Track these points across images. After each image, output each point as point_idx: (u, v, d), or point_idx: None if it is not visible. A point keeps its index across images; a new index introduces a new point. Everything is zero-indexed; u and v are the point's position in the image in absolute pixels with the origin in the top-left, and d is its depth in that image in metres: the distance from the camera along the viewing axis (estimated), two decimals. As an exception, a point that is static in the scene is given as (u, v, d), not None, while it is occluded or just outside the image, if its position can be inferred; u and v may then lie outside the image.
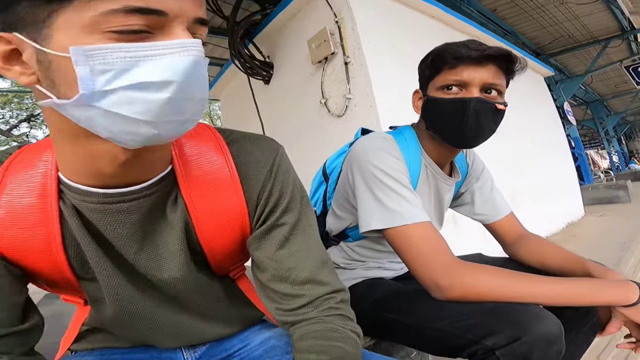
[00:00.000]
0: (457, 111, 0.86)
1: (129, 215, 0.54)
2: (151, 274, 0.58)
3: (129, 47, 0.39)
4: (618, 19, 6.11)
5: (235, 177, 0.59)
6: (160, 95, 0.40)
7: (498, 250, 1.13)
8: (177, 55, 0.40)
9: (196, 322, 0.66)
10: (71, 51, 0.38)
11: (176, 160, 0.57)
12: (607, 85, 11.36)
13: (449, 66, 0.87)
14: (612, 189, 6.77)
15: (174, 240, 0.57)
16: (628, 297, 0.73)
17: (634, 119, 19.75)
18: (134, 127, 0.41)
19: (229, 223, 0.60)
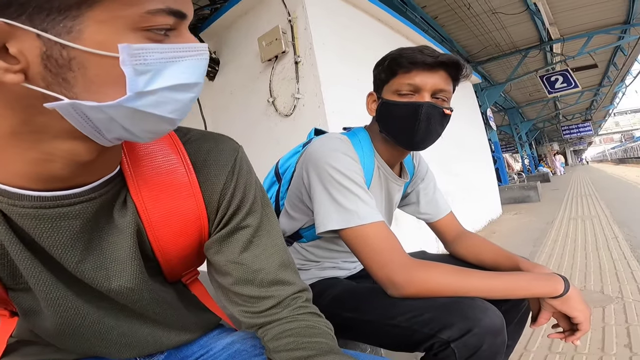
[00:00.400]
0: (410, 115, 0.91)
1: (69, 221, 0.48)
2: (99, 283, 0.52)
3: (163, 48, 0.38)
4: (539, 29, 6.71)
5: (193, 178, 0.56)
6: (189, 95, 0.42)
7: (433, 248, 1.21)
8: (197, 58, 0.41)
9: (152, 330, 0.62)
10: (120, 49, 0.36)
11: (125, 160, 0.53)
12: (523, 93, 12.49)
13: (404, 70, 0.91)
14: (525, 189, 7.54)
15: (124, 247, 0.53)
16: (556, 289, 0.79)
17: (543, 126, 21.89)
18: (157, 125, 0.42)
19: (185, 227, 0.57)
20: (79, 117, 0.38)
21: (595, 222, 4.53)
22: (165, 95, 0.39)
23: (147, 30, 0.38)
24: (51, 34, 0.34)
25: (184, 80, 0.40)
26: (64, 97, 0.37)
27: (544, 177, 14.08)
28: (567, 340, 0.84)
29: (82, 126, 0.40)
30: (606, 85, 11.98)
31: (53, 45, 0.35)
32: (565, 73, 8.45)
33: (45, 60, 0.36)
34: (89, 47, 0.35)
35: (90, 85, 0.37)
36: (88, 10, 0.35)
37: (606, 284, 2.30)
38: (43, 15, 0.34)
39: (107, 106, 0.38)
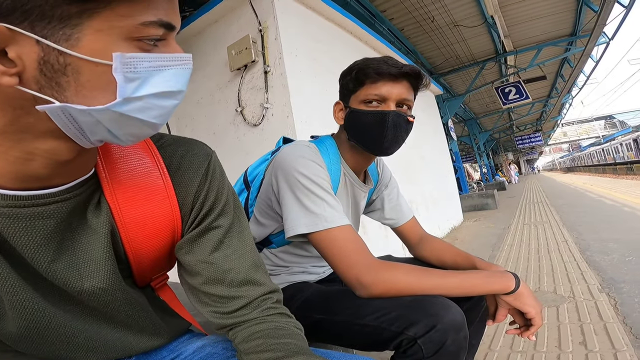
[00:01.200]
0: (377, 123, 0.95)
1: (43, 220, 0.48)
2: (70, 284, 0.52)
3: (151, 57, 0.40)
4: (495, 42, 7.07)
5: (168, 181, 0.58)
6: (172, 102, 0.44)
7: (400, 255, 1.26)
8: (182, 67, 0.44)
9: (121, 334, 0.61)
10: (114, 58, 0.38)
11: (100, 162, 0.54)
12: (480, 104, 13.08)
13: (370, 81, 0.95)
14: (483, 197, 7.89)
15: (98, 247, 0.53)
16: (508, 285, 0.84)
17: (499, 136, 22.94)
18: (140, 129, 0.44)
19: (159, 229, 0.58)
20: (66, 119, 0.40)
21: (546, 227, 4.82)
22: (150, 101, 0.42)
23: (139, 40, 0.40)
24: (51, 40, 0.36)
25: (169, 88, 0.42)
26: (55, 100, 0.38)
27: (501, 186, 14.79)
28: (523, 335, 0.89)
29: (68, 128, 0.41)
30: (554, 96, 12.77)
31: (51, 51, 0.37)
32: (517, 85, 8.94)
33: (41, 65, 0.37)
34: (85, 55, 0.37)
35: (81, 90, 0.39)
36: (87, 20, 0.37)
37: (558, 285, 2.45)
38: (44, 22, 0.36)
39: (96, 110, 0.39)
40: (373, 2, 5.12)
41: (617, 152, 32.35)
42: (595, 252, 3.17)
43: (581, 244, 3.56)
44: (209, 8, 2.75)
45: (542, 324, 0.89)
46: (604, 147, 39.03)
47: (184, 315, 0.72)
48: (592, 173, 29.53)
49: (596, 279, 2.47)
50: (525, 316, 0.87)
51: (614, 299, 2.07)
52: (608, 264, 2.77)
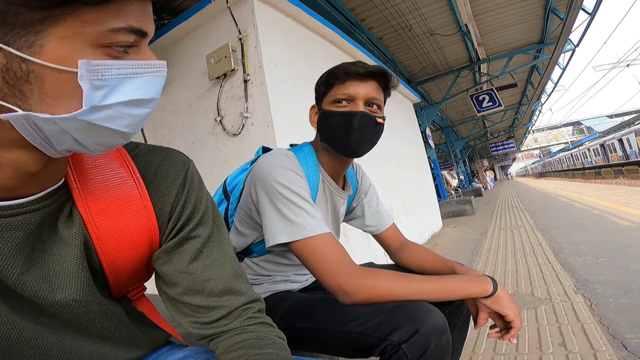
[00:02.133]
0: (344, 123, 0.97)
1: (11, 232, 0.46)
2: (41, 296, 0.50)
3: (120, 65, 0.39)
4: (469, 50, 7.27)
5: (144, 192, 0.57)
6: (144, 110, 0.43)
7: (380, 260, 1.27)
8: (155, 75, 0.43)
9: (98, 347, 0.58)
10: (80, 65, 0.37)
11: (70, 173, 0.52)
12: (456, 112, 13.39)
13: (339, 81, 0.98)
14: (461, 203, 8.06)
15: (70, 259, 0.51)
16: (485, 289, 0.86)
17: (475, 144, 23.57)
18: (110, 138, 0.43)
19: (136, 240, 0.57)
20: (30, 128, 0.39)
21: (521, 231, 4.97)
22: (120, 110, 0.40)
23: (107, 47, 0.39)
24: (12, 47, 0.35)
25: (140, 96, 0.41)
26: (18, 109, 0.37)
27: (477, 192, 15.16)
28: (504, 338, 0.90)
29: (33, 137, 0.40)
30: (525, 103, 13.21)
31: (13, 58, 0.36)
32: (490, 92, 9.21)
33: (4, 73, 0.36)
34: (49, 62, 0.36)
35: (45, 98, 0.38)
36: (51, 27, 0.36)
37: (535, 287, 2.51)
38: (6, 29, 0.35)
39: (61, 119, 0.38)
40: (353, 12, 5.21)
41: (586, 157, 33.76)
42: (568, 254, 3.28)
43: (554, 246, 3.68)
44: (188, 16, 2.73)
45: (522, 326, 0.90)
46: (572, 152, 40.68)
47: (163, 327, 0.70)
48: (562, 178, 30.67)
49: (571, 280, 2.54)
50: (504, 319, 0.89)
51: (589, 300, 2.13)
52: (581, 265, 2.87)
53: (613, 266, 2.69)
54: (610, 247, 3.25)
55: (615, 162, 24.73)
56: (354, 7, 5.12)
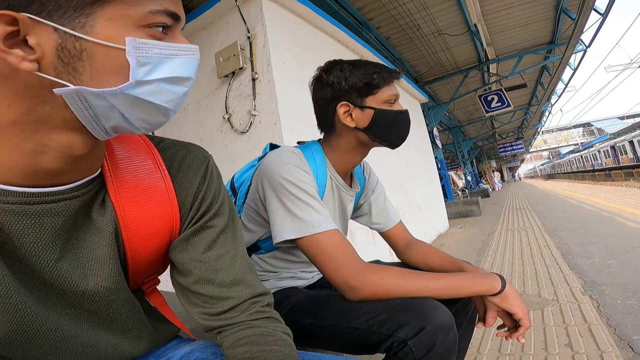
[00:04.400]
0: (404, 120, 1.05)
1: (52, 218, 0.48)
2: (75, 283, 0.52)
3: (161, 45, 0.43)
4: (478, 50, 7.19)
5: (169, 183, 0.59)
6: (182, 88, 0.46)
7: (385, 259, 1.27)
8: (190, 57, 0.46)
9: (115, 340, 0.60)
10: (127, 42, 0.41)
11: (106, 162, 0.55)
12: (464, 112, 13.26)
13: (386, 83, 1.01)
14: (468, 204, 8.00)
15: (103, 245, 0.54)
16: (494, 286, 0.85)
17: (482, 144, 23.30)
18: (153, 115, 0.46)
19: (159, 230, 0.59)
20: (81, 104, 0.42)
21: (529, 232, 4.93)
22: (161, 85, 0.44)
23: (149, 28, 0.43)
24: (67, 27, 0.39)
25: (179, 74, 0.45)
26: (71, 84, 0.40)
27: (485, 193, 15.04)
28: (512, 337, 0.90)
29: (83, 114, 0.42)
30: (535, 104, 13.03)
31: (68, 37, 0.39)
32: (499, 92, 9.10)
33: (59, 51, 0.39)
34: (100, 40, 0.40)
35: (95, 74, 0.41)
36: (99, 9, 0.40)
37: (542, 288, 2.50)
38: (61, 12, 0.39)
39: (109, 92, 0.41)
40: (361, 11, 5.19)
41: (596, 159, 33.34)
42: (576, 255, 3.25)
43: (562, 248, 3.65)
44: (197, 14, 2.74)
45: (530, 325, 0.89)
46: (582, 154, 40.20)
47: (173, 321, 0.72)
48: (572, 180, 30.31)
49: (578, 282, 2.53)
50: (513, 317, 0.88)
51: (597, 301, 2.12)
52: (589, 267, 2.84)
53: (621, 268, 2.67)
54: (619, 249, 3.22)
55: (626, 164, 24.41)
56: (361, 7, 5.10)
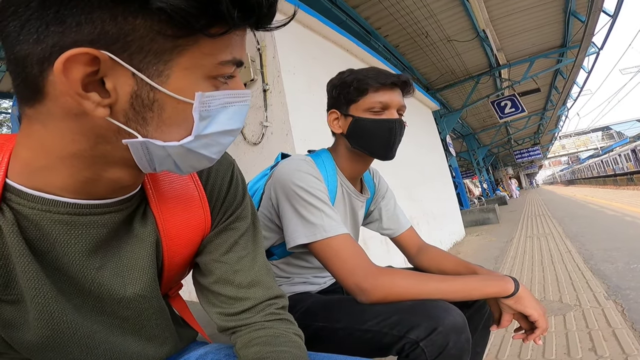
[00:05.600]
0: (386, 130, 1.01)
1: (98, 229, 0.50)
2: (113, 291, 0.53)
3: (221, 95, 0.43)
4: (488, 55, 7.18)
5: (202, 192, 0.61)
6: (230, 139, 0.47)
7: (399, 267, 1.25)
8: (243, 104, 0.46)
9: (142, 345, 0.61)
10: (197, 97, 0.40)
11: (147, 176, 0.57)
12: (477, 119, 13.20)
13: (373, 89, 1.00)
14: (484, 212, 7.86)
15: (143, 255, 0.55)
16: (506, 288, 0.84)
17: (498, 151, 23.04)
18: (200, 162, 0.47)
19: (193, 238, 0.60)
20: (142, 152, 0.42)
21: (549, 238, 4.81)
22: (215, 139, 0.44)
23: (214, 79, 0.42)
24: (145, 75, 0.38)
25: (231, 127, 0.45)
26: (138, 135, 0.41)
27: (502, 200, 14.74)
28: (528, 338, 0.88)
29: (141, 159, 0.44)
30: (550, 109, 12.85)
31: (144, 85, 0.38)
32: (513, 98, 9.00)
33: (133, 99, 0.39)
34: (173, 92, 0.39)
35: (161, 126, 0.41)
36: (177, 57, 0.39)
37: (564, 294, 2.43)
38: (142, 56, 0.37)
39: (170, 146, 0.42)
40: (368, 20, 5.26)
41: (617, 163, 32.46)
42: (599, 261, 3.16)
43: (584, 253, 3.56)
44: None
45: (547, 326, 0.87)
46: (602, 158, 39.22)
47: (193, 325, 0.74)
48: (592, 185, 29.61)
49: (602, 287, 2.46)
50: (529, 319, 0.87)
51: (621, 306, 2.06)
52: (613, 272, 2.77)
53: (646, 272, 2.58)
54: (643, 254, 3.11)
55: (648, 167, 23.68)
56: (368, 16, 5.17)
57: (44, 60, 0.36)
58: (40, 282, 0.47)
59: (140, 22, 0.36)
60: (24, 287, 0.47)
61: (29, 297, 0.48)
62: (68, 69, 0.35)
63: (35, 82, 0.38)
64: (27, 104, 0.41)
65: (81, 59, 0.36)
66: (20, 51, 0.37)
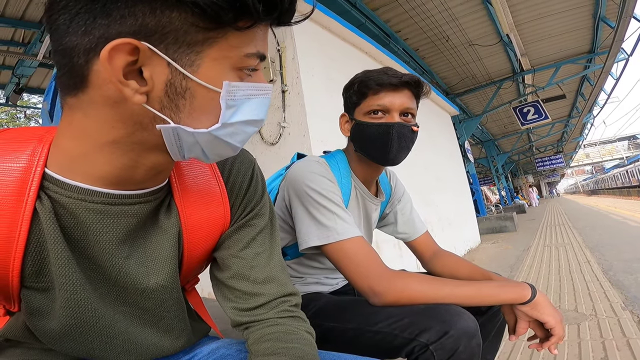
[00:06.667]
0: (383, 135, 0.98)
1: (128, 219, 0.53)
2: (137, 280, 0.56)
3: (246, 86, 0.46)
4: (511, 60, 7.03)
5: (223, 188, 0.63)
6: (253, 129, 0.50)
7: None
8: (265, 97, 0.49)
9: (159, 337, 0.63)
10: (225, 86, 0.43)
11: (172, 170, 0.59)
12: (498, 125, 12.91)
13: (372, 92, 0.98)
14: (502, 220, 7.71)
15: (167, 246, 0.57)
16: (523, 294, 0.83)
17: (518, 158, 22.50)
18: (225, 150, 0.50)
19: (213, 231, 0.62)
20: (173, 138, 0.45)
21: (568, 248, 4.69)
22: (239, 127, 0.47)
23: (240, 70, 0.45)
24: (179, 64, 0.41)
25: (255, 117, 0.48)
26: (171, 121, 0.44)
27: (520, 209, 14.42)
28: (543, 346, 0.86)
29: (171, 145, 0.46)
30: (575, 116, 12.48)
31: (177, 74, 0.42)
32: (536, 104, 8.77)
33: (167, 87, 0.42)
34: (203, 81, 0.42)
35: (192, 113, 0.44)
36: (208, 48, 0.42)
37: (580, 303, 2.39)
38: (176, 46, 0.41)
39: (199, 133, 0.45)
40: (388, 23, 5.24)
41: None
42: (618, 271, 3.09)
43: (604, 264, 3.47)
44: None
45: (564, 334, 0.85)
46: (628, 168, 37.92)
47: (206, 320, 0.75)
48: (616, 195, 28.66)
49: (619, 297, 2.41)
50: (545, 326, 0.85)
51: (638, 316, 2.03)
52: (632, 282, 2.70)
53: (667, 285, 2.50)
54: (665, 267, 3.02)
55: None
56: (388, 19, 5.15)
57: (90, 51, 0.40)
58: (71, 269, 0.50)
59: (175, 15, 0.39)
60: (55, 274, 0.49)
61: (58, 284, 0.50)
62: (112, 57, 0.39)
63: (81, 72, 0.41)
64: (70, 94, 0.44)
65: (124, 48, 0.39)
66: (69, 42, 0.40)
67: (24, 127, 0.53)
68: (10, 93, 5.70)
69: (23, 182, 0.46)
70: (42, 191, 0.47)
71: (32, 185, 0.46)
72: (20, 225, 0.46)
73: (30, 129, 0.53)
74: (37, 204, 0.46)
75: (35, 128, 0.53)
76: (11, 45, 4.98)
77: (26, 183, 0.46)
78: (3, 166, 0.46)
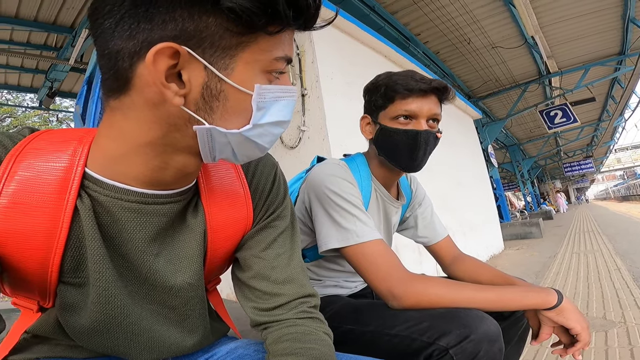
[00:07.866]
0: (409, 141, 0.97)
1: (159, 217, 0.55)
2: (165, 278, 0.57)
3: (274, 89, 0.48)
4: (537, 63, 6.86)
5: (247, 189, 0.64)
6: (280, 130, 0.52)
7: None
8: (291, 99, 0.51)
9: (183, 336, 0.64)
10: (256, 89, 0.46)
11: (200, 171, 0.61)
12: (523, 129, 12.58)
13: (400, 97, 0.97)
14: (527, 226, 7.48)
15: (193, 245, 0.59)
16: (548, 300, 0.81)
17: (545, 163, 21.81)
18: (254, 151, 0.52)
19: (235, 232, 0.64)
20: (207, 138, 0.47)
21: (597, 255, 4.52)
22: (268, 129, 0.49)
23: (269, 73, 0.47)
24: (215, 67, 0.43)
25: (282, 118, 0.50)
26: (206, 122, 0.46)
27: (547, 215, 13.94)
28: (568, 352, 0.84)
29: (204, 146, 0.48)
30: (605, 119, 12.05)
31: (213, 77, 0.44)
32: (564, 107, 8.51)
33: (203, 90, 0.44)
34: (237, 84, 0.45)
35: (225, 114, 0.46)
36: (241, 52, 0.44)
37: (609, 311, 2.31)
38: (212, 50, 0.43)
39: (231, 133, 0.47)
40: (407, 26, 5.21)
41: (678, 180, 29.84)
42: (650, 279, 2.95)
43: (635, 271, 3.33)
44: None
45: (590, 340, 0.82)
46: (663, 174, 36.18)
47: (226, 320, 0.77)
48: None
49: (651, 306, 2.29)
50: (570, 332, 0.82)
51: (669, 324, 1.92)
52: (665, 291, 2.57)
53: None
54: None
55: None
56: (408, 22, 5.12)
57: (134, 54, 0.42)
58: (105, 265, 0.52)
59: (212, 20, 0.42)
60: (91, 270, 0.51)
61: (93, 279, 0.52)
62: (156, 60, 0.41)
63: (125, 75, 0.44)
64: (112, 96, 0.47)
65: (167, 52, 0.41)
66: (114, 46, 0.43)
67: (65, 128, 0.56)
68: (43, 97, 5.90)
69: (65, 180, 0.48)
70: (83, 189, 0.50)
71: (73, 184, 0.48)
72: (62, 222, 0.48)
73: (71, 130, 0.56)
74: (77, 202, 0.49)
75: (76, 129, 0.56)
76: (44, 50, 5.13)
77: (68, 182, 0.48)
78: (46, 165, 0.48)
